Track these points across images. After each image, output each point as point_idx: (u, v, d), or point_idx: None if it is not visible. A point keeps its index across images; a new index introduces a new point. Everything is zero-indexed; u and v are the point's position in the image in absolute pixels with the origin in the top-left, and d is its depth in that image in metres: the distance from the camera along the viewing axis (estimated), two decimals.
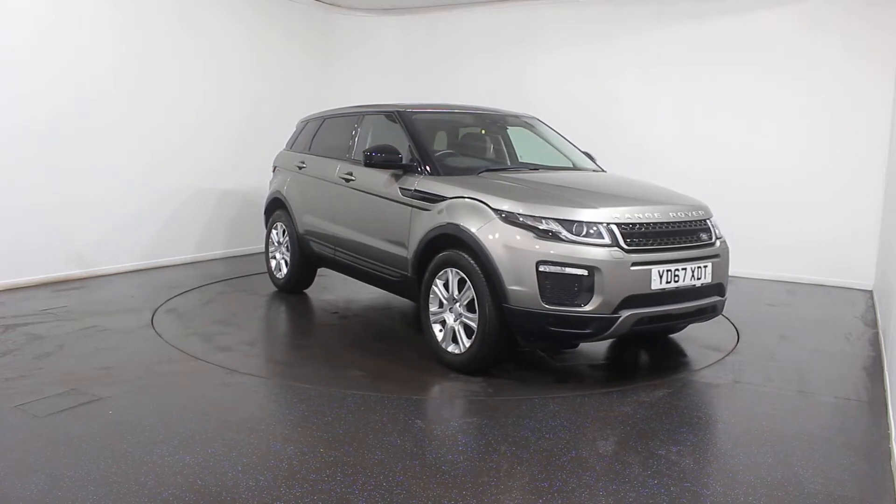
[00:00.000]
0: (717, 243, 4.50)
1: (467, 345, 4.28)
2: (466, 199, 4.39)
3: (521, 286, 3.99)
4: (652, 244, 4.13)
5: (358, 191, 5.46)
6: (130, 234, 7.29)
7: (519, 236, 4.05)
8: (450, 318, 4.40)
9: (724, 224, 7.86)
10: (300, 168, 6.40)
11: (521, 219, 4.09)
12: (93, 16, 6.77)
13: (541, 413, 3.71)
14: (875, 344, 5.26)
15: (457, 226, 4.32)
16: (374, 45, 9.90)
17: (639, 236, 4.09)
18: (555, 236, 3.99)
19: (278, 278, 6.64)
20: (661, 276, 4.07)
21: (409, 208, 4.80)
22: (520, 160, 5.74)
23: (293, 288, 6.55)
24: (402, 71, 9.75)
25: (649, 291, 4.05)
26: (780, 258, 7.75)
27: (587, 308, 3.94)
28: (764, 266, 7.85)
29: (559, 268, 3.93)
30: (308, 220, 6.18)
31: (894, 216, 5.53)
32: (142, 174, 7.35)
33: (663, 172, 8.22)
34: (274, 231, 6.71)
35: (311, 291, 6.65)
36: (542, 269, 3.95)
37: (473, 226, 4.24)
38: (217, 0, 8.10)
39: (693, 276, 4.23)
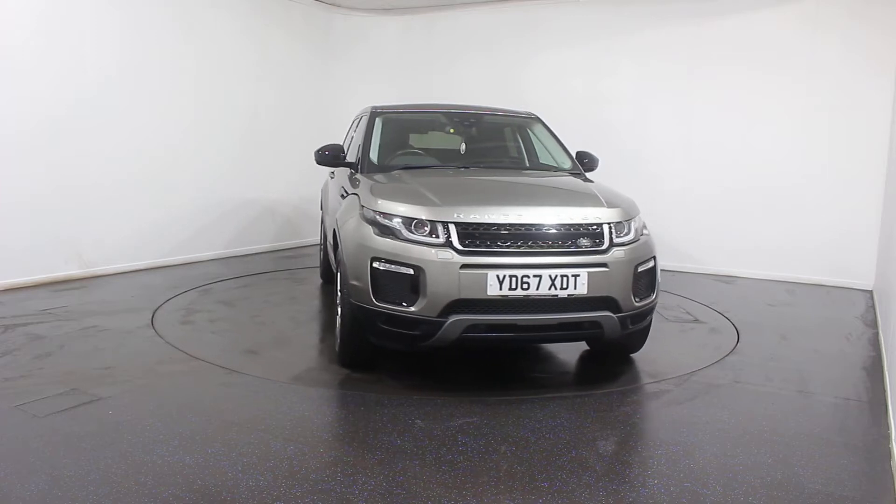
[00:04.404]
0: (612, 251, 3.95)
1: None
2: (352, 195, 4.52)
3: (358, 281, 3.98)
4: (494, 246, 3.81)
5: (334, 188, 5.73)
6: (130, 234, 7.28)
7: (364, 232, 4.03)
8: (339, 312, 4.47)
9: (724, 224, 7.98)
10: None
11: (371, 215, 4.07)
12: (92, 16, 6.76)
13: (541, 413, 3.71)
14: (875, 344, 5.27)
15: (336, 220, 4.47)
16: (373, 44, 9.90)
17: (480, 238, 3.82)
18: (392, 233, 3.91)
19: (321, 270, 7.15)
20: (500, 282, 3.73)
21: (339, 205, 4.98)
22: (500, 160, 5.61)
23: (329, 279, 6.84)
24: (401, 70, 9.75)
25: (484, 297, 3.75)
26: (780, 258, 7.75)
27: (412, 309, 3.79)
28: (764, 266, 7.85)
29: (387, 265, 3.85)
30: (325, 216, 6.52)
31: (894, 216, 5.53)
32: (142, 174, 7.35)
33: (663, 172, 8.25)
34: (322, 227, 7.14)
35: None
36: (374, 265, 3.88)
37: (341, 221, 4.36)
38: (217, 0, 8.11)
39: (554, 285, 3.78)
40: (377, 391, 3.99)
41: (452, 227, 3.82)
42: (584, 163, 5.45)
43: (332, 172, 6.13)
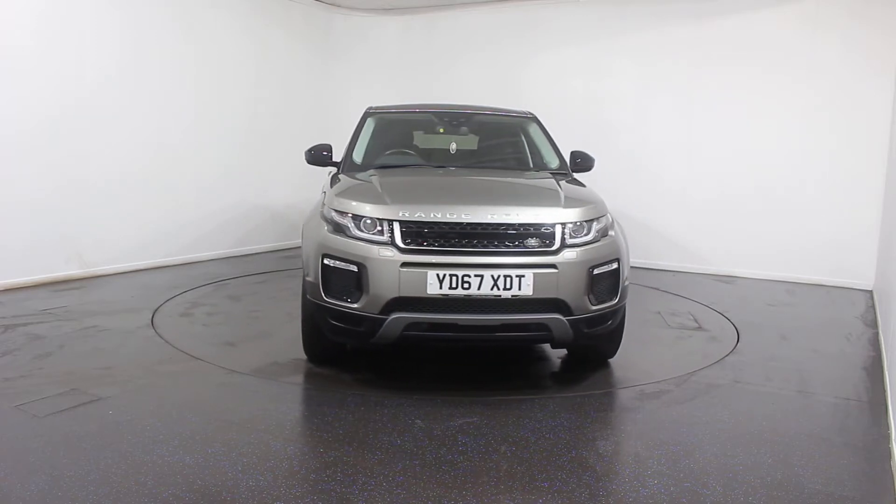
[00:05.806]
0: (563, 252, 3.84)
1: None
2: (322, 194, 4.60)
3: (312, 278, 4.04)
4: (436, 245, 3.79)
5: None
6: (130, 234, 7.28)
7: (321, 230, 4.09)
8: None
9: (724, 224, 7.98)
10: None
11: (328, 213, 4.12)
12: (92, 16, 6.76)
13: (541, 413, 3.71)
14: (875, 344, 5.27)
15: (305, 220, 4.57)
16: (373, 44, 9.90)
17: (423, 236, 3.80)
18: (343, 231, 3.96)
19: None
20: (440, 281, 3.70)
21: None
22: (487, 160, 5.51)
23: None
24: (401, 70, 9.76)
25: (424, 296, 3.72)
26: (780, 258, 7.76)
27: (356, 306, 3.82)
28: (764, 266, 7.85)
29: (335, 262, 3.89)
30: None
31: (894, 216, 5.53)
32: (142, 174, 7.35)
33: (663, 172, 8.26)
34: None
35: None
36: (325, 261, 3.93)
37: (306, 219, 4.46)
38: (217, 0, 8.11)
39: (497, 285, 3.71)
40: (326, 386, 4.00)
41: (396, 225, 3.83)
42: (578, 163, 5.30)
43: (330, 172, 6.10)
